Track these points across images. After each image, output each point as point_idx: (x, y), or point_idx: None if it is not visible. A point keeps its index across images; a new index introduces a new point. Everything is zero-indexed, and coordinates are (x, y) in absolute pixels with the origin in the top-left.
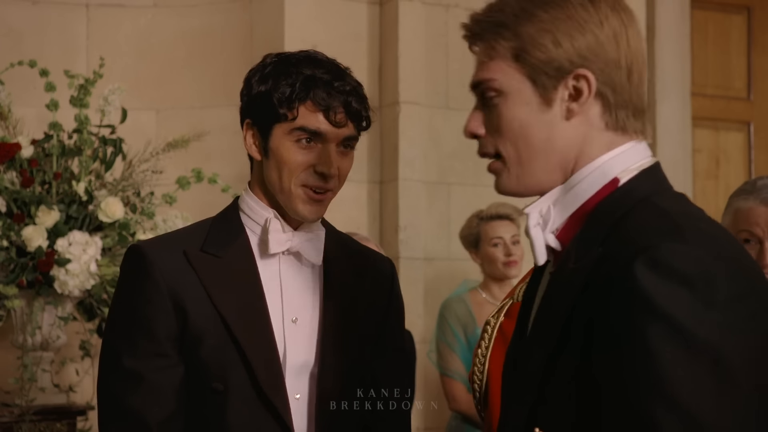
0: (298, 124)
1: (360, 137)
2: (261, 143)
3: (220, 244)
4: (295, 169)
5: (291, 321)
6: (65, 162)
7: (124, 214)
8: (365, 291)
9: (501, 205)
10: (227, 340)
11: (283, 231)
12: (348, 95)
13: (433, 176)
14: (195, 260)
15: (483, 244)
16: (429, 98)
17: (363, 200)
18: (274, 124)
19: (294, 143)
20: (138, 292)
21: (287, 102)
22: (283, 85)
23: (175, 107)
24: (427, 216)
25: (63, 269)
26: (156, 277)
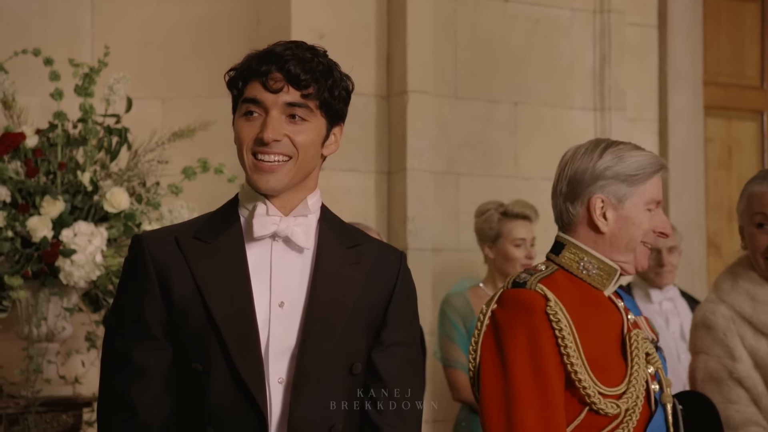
0: (243, 97)
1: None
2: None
3: (213, 231)
4: (243, 141)
5: (278, 305)
6: (70, 152)
7: (129, 204)
8: (362, 281)
9: (524, 204)
10: (207, 322)
11: (267, 214)
12: (286, 59)
13: (442, 166)
14: (185, 246)
15: (503, 241)
16: (437, 87)
17: (370, 191)
18: (236, 106)
19: (241, 118)
20: (131, 278)
21: (233, 82)
22: (239, 73)
23: (181, 96)
24: (436, 207)
25: (68, 260)
26: (146, 262)
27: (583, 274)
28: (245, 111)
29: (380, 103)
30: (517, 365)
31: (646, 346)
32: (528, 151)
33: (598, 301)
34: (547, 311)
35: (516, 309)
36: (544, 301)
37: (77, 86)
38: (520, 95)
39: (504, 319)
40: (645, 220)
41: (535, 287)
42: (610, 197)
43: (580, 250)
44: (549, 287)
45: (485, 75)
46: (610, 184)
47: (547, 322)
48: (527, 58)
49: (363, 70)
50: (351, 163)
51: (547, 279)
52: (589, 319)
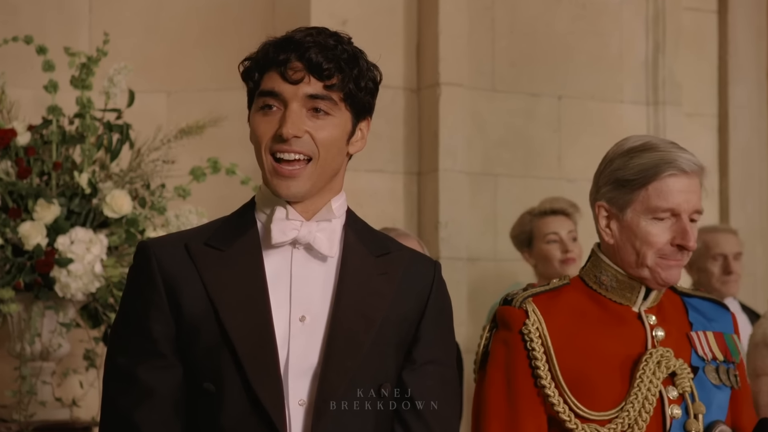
0: (259, 90)
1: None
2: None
3: (227, 238)
4: (260, 139)
5: (298, 319)
6: (66, 150)
7: (132, 208)
8: (392, 293)
9: (554, 199)
10: (221, 338)
11: (287, 218)
12: (307, 47)
13: (478, 167)
14: (196, 254)
15: (537, 241)
16: (473, 79)
17: (399, 194)
18: (253, 100)
19: (258, 113)
20: (135, 289)
21: (249, 73)
22: (254, 63)
23: (188, 89)
24: (471, 211)
25: (64, 270)
26: (153, 272)
27: (602, 288)
28: (262, 105)
29: (409, 96)
30: (491, 382)
31: (673, 365)
32: (573, 149)
33: (615, 317)
34: (522, 330)
35: (499, 327)
36: (523, 318)
37: (74, 78)
38: (564, 88)
39: (492, 340)
40: (653, 231)
41: (520, 304)
42: (612, 205)
43: (600, 261)
44: (542, 303)
45: (526, 66)
46: (610, 191)
47: (522, 342)
48: (572, 47)
49: (390, 60)
50: (377, 163)
51: (548, 294)
52: (589, 337)
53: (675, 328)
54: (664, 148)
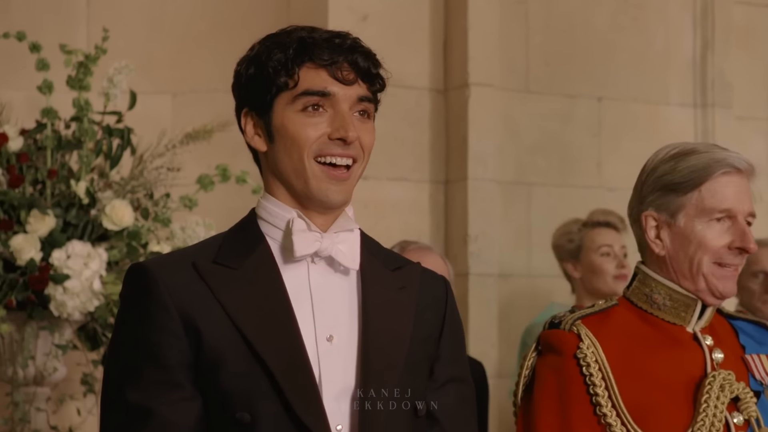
0: (302, 88)
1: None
2: (263, 128)
3: (236, 254)
4: (305, 142)
5: (325, 339)
6: (62, 157)
7: (133, 220)
8: (414, 309)
9: (606, 211)
10: (252, 363)
11: (309, 230)
12: (351, 51)
13: (510, 175)
14: (206, 273)
15: (587, 252)
16: (505, 79)
17: (424, 204)
18: (274, 98)
19: (300, 113)
20: (141, 316)
21: (284, 67)
22: (276, 53)
23: (196, 90)
24: (503, 223)
25: (60, 287)
26: (161, 295)
27: (653, 308)
28: (308, 104)
29: (436, 98)
30: (542, 411)
31: (736, 389)
32: (614, 156)
33: (670, 339)
34: (577, 354)
35: (547, 352)
36: (576, 342)
37: (70, 77)
38: (604, 89)
39: (538, 366)
40: (710, 235)
41: (570, 327)
42: (661, 213)
43: (649, 279)
44: (593, 325)
45: (563, 64)
46: (658, 198)
47: (577, 367)
48: (613, 43)
49: (415, 58)
50: (400, 171)
51: (597, 316)
52: (646, 361)
53: (730, 350)
54: (709, 149)
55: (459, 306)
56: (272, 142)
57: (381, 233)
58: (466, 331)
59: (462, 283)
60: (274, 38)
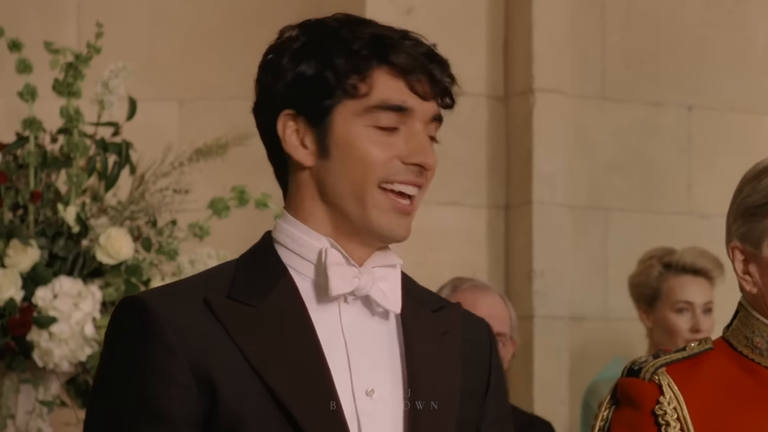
0: (377, 98)
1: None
2: (314, 139)
3: (253, 289)
4: (373, 164)
5: (365, 393)
6: (47, 176)
7: (133, 252)
8: (459, 359)
9: (699, 253)
10: (282, 422)
11: (347, 263)
12: (429, 59)
13: (583, 198)
14: (221, 311)
15: (662, 304)
16: (577, 85)
17: (480, 233)
18: (336, 105)
19: (371, 129)
20: (137, 360)
21: (355, 68)
22: (342, 48)
23: (207, 97)
24: (575, 256)
25: (45, 332)
26: (165, 335)
27: (755, 353)
28: (383, 120)
29: (494, 107)
30: None
31: None
32: (707, 175)
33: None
34: (655, 410)
35: (624, 405)
36: (656, 394)
37: (57, 81)
38: (696, 96)
39: (613, 420)
40: None
41: (651, 376)
42: (746, 243)
43: (751, 318)
44: (680, 374)
45: (646, 67)
46: (742, 225)
47: (655, 426)
48: (706, 43)
49: (469, 59)
50: (452, 194)
51: (686, 363)
52: (742, 421)
53: None
54: None
55: (523, 354)
56: (325, 157)
57: (429, 268)
58: (531, 383)
59: (526, 327)
60: (324, 28)
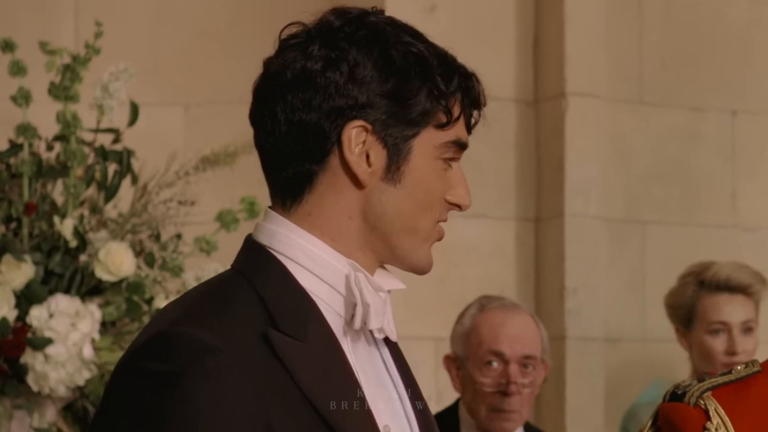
0: (455, 134)
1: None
2: (386, 161)
3: (294, 318)
4: (440, 202)
5: (381, 429)
6: (43, 187)
7: (135, 268)
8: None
9: (737, 267)
10: None
11: (376, 292)
12: (480, 90)
13: (619, 210)
14: (283, 350)
15: (697, 325)
16: (612, 88)
17: (509, 248)
18: (421, 131)
19: (439, 162)
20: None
21: (446, 95)
22: (433, 72)
23: (214, 101)
24: (610, 272)
25: (40, 355)
26: (241, 394)
27: None
28: (448, 156)
29: (523, 112)
30: None
31: None
32: (752, 186)
33: None
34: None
35: (665, 430)
36: (702, 420)
37: (53, 85)
38: (740, 100)
39: None
40: None
41: (696, 400)
42: None
43: None
44: (727, 399)
45: (686, 69)
46: None
47: None
48: (752, 43)
49: (496, 61)
50: (478, 206)
51: (733, 386)
52: None
53: None
54: None
55: (554, 378)
56: (391, 182)
57: (453, 286)
58: (563, 409)
59: (558, 349)
60: (392, 36)
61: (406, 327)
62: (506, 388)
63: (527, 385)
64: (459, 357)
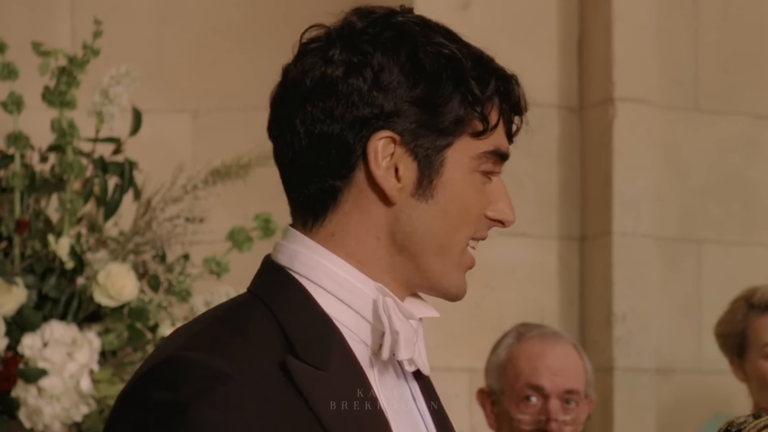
0: (494, 143)
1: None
2: (416, 175)
3: (315, 346)
4: (475, 219)
5: None
6: (36, 202)
7: (138, 292)
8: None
9: None
10: None
11: (407, 320)
12: (521, 95)
13: (673, 228)
14: (302, 379)
15: (750, 351)
16: (665, 93)
17: (551, 269)
18: (455, 141)
19: (475, 175)
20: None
21: (483, 101)
22: (467, 74)
23: (225, 107)
24: (663, 297)
25: (33, 387)
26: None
27: None
28: (486, 167)
29: (567, 119)
30: None
31: None
32: None
33: None
34: None
35: None
36: None
37: (47, 89)
38: None
39: None
40: None
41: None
42: None
43: None
44: None
45: (747, 73)
46: None
47: None
48: None
49: (536, 63)
50: (517, 224)
51: None
52: None
53: None
54: None
55: (601, 414)
56: (423, 198)
57: (489, 311)
58: None
59: (605, 381)
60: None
61: (438, 357)
62: (546, 425)
63: (569, 423)
64: (494, 391)
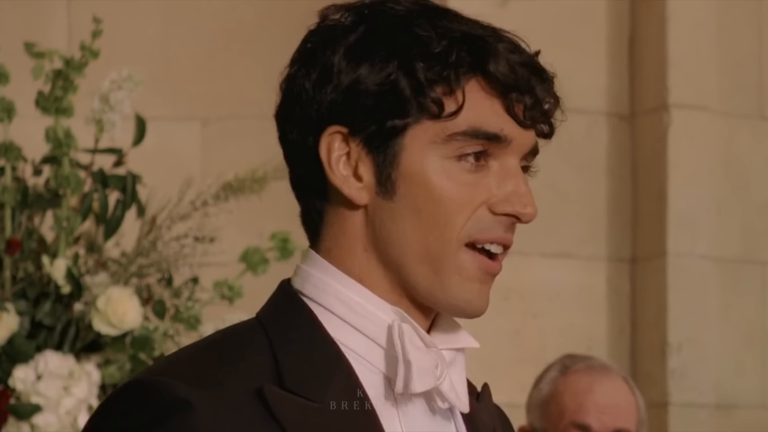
0: (467, 122)
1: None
2: (374, 169)
3: (309, 377)
4: (459, 213)
5: None
6: (28, 220)
7: (141, 319)
8: None
9: None
10: None
11: (426, 346)
12: (532, 70)
13: (734, 249)
14: (281, 407)
15: None
16: (726, 99)
17: (599, 294)
18: (410, 125)
19: (451, 162)
20: None
21: (442, 78)
22: (421, 50)
23: (237, 116)
24: (724, 324)
25: (26, 425)
26: None
27: None
28: (470, 152)
29: (617, 128)
30: None
31: None
32: None
33: None
34: None
35: None
36: None
37: (42, 95)
38: None
39: None
40: None
41: None
42: None
43: None
44: None
45: None
46: None
47: None
48: None
49: (583, 67)
50: (561, 243)
51: None
52: None
53: None
54: None
55: None
56: (387, 195)
57: (530, 340)
58: None
59: (659, 417)
60: (396, 16)
61: None
62: None
63: None
64: (536, 429)
